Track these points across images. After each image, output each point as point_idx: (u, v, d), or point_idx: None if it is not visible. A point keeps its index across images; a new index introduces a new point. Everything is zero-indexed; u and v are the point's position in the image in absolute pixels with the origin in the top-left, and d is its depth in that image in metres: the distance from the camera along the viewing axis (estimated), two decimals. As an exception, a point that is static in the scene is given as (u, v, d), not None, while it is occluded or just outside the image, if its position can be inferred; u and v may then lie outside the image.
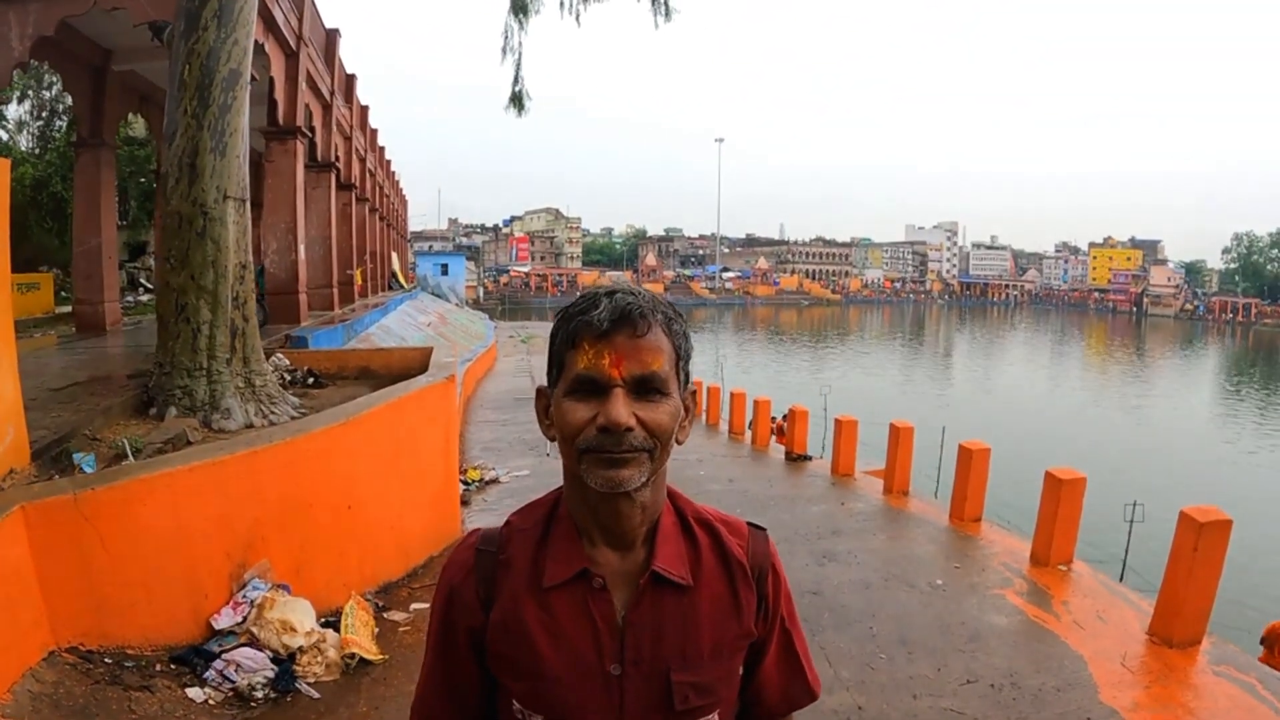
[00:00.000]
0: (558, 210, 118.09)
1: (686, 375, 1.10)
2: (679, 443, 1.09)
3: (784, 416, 11.93)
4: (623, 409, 0.99)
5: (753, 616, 1.16)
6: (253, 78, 6.58)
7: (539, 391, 1.13)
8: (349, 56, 18.71)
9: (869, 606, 5.50)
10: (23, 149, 22.13)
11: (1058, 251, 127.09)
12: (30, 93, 22.38)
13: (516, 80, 12.08)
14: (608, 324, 1.01)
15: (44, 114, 23.06)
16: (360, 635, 4.50)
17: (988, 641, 4.84)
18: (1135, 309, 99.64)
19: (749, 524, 1.23)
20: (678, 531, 1.15)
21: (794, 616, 1.24)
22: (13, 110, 22.53)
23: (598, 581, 1.08)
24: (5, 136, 21.48)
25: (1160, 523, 5.50)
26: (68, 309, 14.10)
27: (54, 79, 19.48)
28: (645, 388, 1.02)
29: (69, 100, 12.54)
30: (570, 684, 1.07)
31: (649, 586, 1.09)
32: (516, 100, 12.17)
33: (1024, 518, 7.17)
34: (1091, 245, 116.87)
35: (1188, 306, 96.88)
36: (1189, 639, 4.64)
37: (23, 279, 15.06)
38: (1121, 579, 6.50)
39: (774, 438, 12.57)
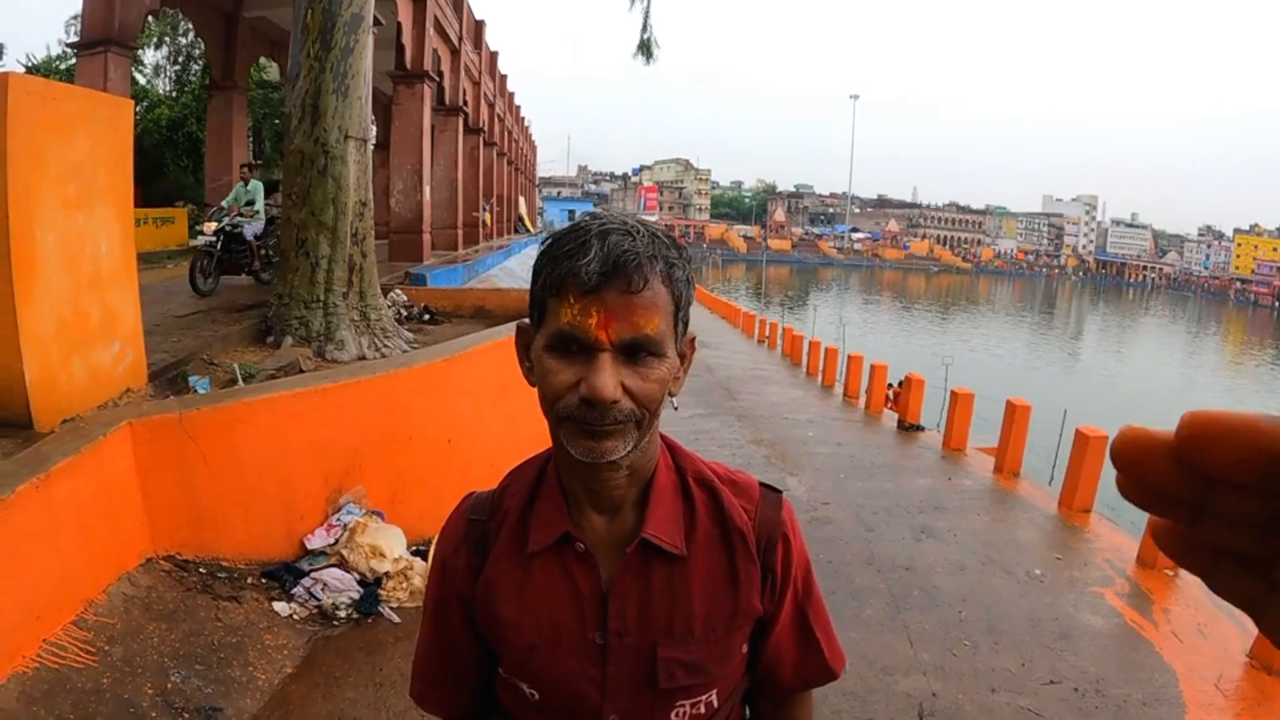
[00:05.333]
0: (688, 161, 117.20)
1: (686, 324, 0.97)
2: (671, 395, 0.97)
3: (900, 384, 11.61)
4: (609, 379, 0.87)
5: (756, 591, 1.05)
6: (379, 22, 6.72)
7: (520, 329, 1.01)
8: (479, 3, 18.97)
9: (961, 590, 5.30)
10: (160, 92, 23.49)
11: (1200, 235, 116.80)
12: (166, 39, 23.78)
13: (645, 27, 12.00)
14: (596, 278, 0.86)
15: (180, 59, 24.46)
16: (448, 566, 4.62)
17: (1078, 641, 4.57)
18: (1278, 303, 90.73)
19: (762, 485, 1.11)
20: (674, 493, 1.05)
21: (811, 587, 1.13)
22: (150, 56, 23.96)
23: (580, 546, 1.01)
24: (143, 80, 22.82)
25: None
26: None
27: (189, 26, 20.58)
28: (637, 351, 0.89)
29: (203, 46, 13.22)
30: (551, 652, 1.02)
31: (636, 553, 1.01)
32: (645, 48, 12.10)
33: (1135, 514, 6.73)
34: (1236, 231, 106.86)
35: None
36: (1291, 669, 4.23)
37: (159, 213, 15.94)
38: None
39: (888, 404, 12.26)
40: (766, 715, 1.20)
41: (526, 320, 1.01)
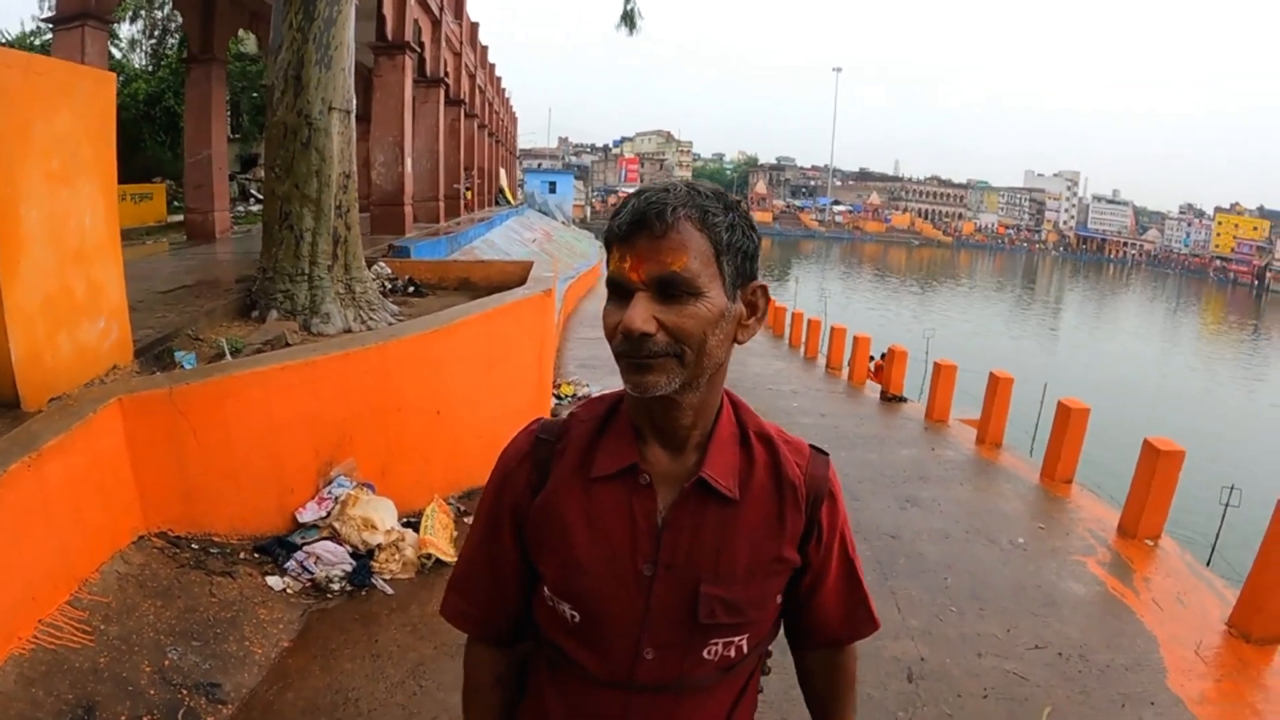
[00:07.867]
0: (669, 133, 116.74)
1: (742, 271, 1.03)
2: (739, 342, 1.07)
3: (882, 355, 11.70)
4: (638, 314, 0.97)
5: (796, 541, 1.13)
6: (360, -10, 6.60)
7: None
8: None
9: (946, 557, 5.38)
10: (136, 66, 22.94)
11: (1181, 213, 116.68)
12: (142, 13, 23.28)
13: (628, -2, 11.82)
14: (626, 227, 0.99)
15: (156, 32, 23.96)
16: (438, 537, 4.61)
17: (1062, 609, 4.67)
18: (1257, 282, 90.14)
19: (812, 447, 1.20)
20: (735, 443, 1.12)
21: (850, 543, 1.21)
22: (125, 29, 23.33)
23: (644, 478, 1.08)
24: (119, 55, 22.20)
25: (1257, 510, 5.16)
26: (180, 218, 14.48)
27: (165, -1, 20.10)
28: (669, 289, 0.98)
29: (180, 19, 12.89)
30: (600, 576, 1.08)
31: (693, 492, 1.08)
32: (628, 19, 11.95)
33: (1116, 485, 6.84)
34: (1217, 210, 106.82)
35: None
36: (1269, 636, 4.33)
37: (137, 189, 15.65)
38: (1209, 563, 6.18)
39: (870, 376, 12.37)
40: (817, 670, 1.29)
41: None
